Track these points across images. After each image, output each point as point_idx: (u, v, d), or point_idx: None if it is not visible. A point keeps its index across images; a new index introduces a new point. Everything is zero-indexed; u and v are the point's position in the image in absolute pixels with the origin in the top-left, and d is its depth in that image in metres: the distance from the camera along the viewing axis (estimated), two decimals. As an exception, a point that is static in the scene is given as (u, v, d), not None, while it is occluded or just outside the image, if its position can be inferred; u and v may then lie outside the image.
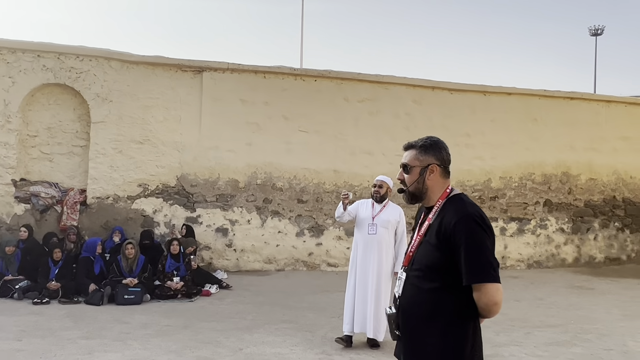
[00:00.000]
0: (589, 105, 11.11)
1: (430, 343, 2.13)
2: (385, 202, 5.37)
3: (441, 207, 2.23)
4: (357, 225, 5.41)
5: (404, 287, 2.25)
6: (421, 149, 2.31)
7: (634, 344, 5.58)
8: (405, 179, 2.32)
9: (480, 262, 2.05)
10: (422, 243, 2.23)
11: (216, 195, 9.32)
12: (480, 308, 2.09)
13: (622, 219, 11.27)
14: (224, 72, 9.31)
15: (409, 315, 2.21)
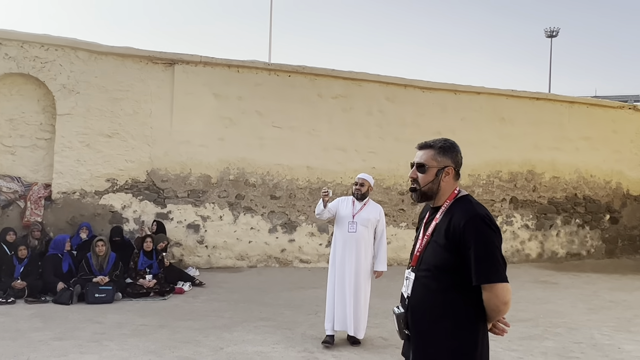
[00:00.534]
0: (553, 106, 11.47)
1: (442, 343, 2.15)
2: (366, 200, 5.37)
3: (448, 208, 2.26)
4: (337, 223, 5.38)
5: (413, 287, 2.26)
6: (440, 151, 2.30)
7: (601, 336, 5.82)
8: (418, 178, 2.31)
9: (490, 262, 2.08)
10: (430, 243, 2.25)
11: (187, 190, 9.15)
12: (489, 308, 2.12)
13: (583, 215, 11.72)
14: (196, 65, 9.13)
15: (419, 315, 2.23)
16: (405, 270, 2.39)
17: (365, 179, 5.41)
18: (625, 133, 12.02)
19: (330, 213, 5.31)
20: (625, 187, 12.06)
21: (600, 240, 11.84)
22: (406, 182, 10.34)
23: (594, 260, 11.64)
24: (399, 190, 10.32)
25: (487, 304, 2.11)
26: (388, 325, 6.00)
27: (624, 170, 12.03)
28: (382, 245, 5.37)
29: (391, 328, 5.86)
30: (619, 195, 12.01)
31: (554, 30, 44.39)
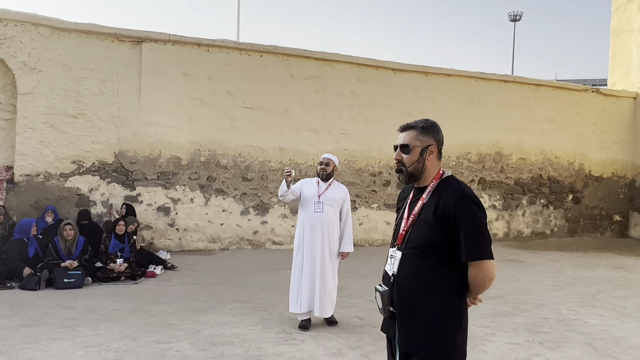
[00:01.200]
0: (520, 88, 11.68)
1: (430, 318, 2.22)
2: (331, 180, 5.31)
3: (435, 188, 2.31)
4: (302, 204, 5.27)
5: (399, 265, 2.31)
6: (422, 130, 2.37)
7: (567, 312, 6.03)
8: (403, 159, 2.37)
9: (478, 240, 2.16)
10: (417, 222, 2.30)
11: (157, 173, 8.96)
12: (475, 284, 2.21)
13: (547, 196, 12.06)
14: (164, 43, 8.87)
15: (407, 292, 2.28)
16: (390, 249, 2.43)
17: (330, 158, 5.33)
18: (588, 115, 12.36)
19: (294, 194, 5.19)
20: (588, 168, 12.46)
21: (563, 220, 12.23)
22: (378, 163, 10.41)
23: (557, 239, 12.03)
24: (371, 172, 10.37)
25: (473, 279, 2.20)
26: (363, 305, 6.07)
27: (587, 151, 12.41)
28: (348, 226, 5.32)
29: (366, 307, 5.94)
30: (582, 176, 12.40)
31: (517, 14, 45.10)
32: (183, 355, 4.32)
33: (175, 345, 4.53)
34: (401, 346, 2.30)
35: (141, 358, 4.21)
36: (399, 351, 2.32)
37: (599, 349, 4.79)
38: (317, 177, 5.33)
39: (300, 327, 5.10)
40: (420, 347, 2.23)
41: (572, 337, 5.09)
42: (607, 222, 12.73)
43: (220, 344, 4.59)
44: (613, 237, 12.69)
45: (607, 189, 12.68)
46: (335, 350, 4.55)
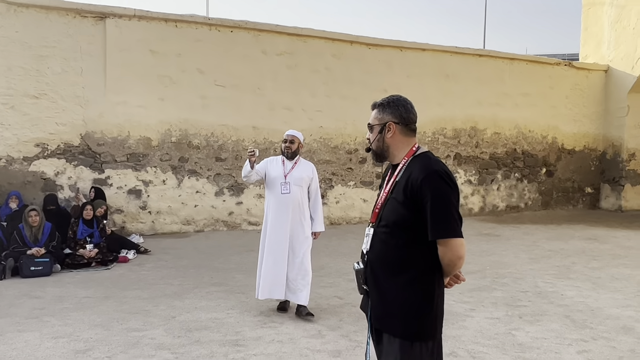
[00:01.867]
0: (494, 63, 11.64)
1: (399, 296, 2.19)
2: (297, 158, 4.98)
3: (407, 165, 2.25)
4: (268, 185, 4.97)
5: (372, 242, 2.29)
6: (380, 108, 2.33)
7: (544, 284, 6.08)
8: (370, 138, 2.36)
9: (445, 218, 2.09)
10: (389, 200, 2.25)
11: (127, 154, 8.65)
12: (444, 263, 2.16)
13: (521, 169, 12.15)
14: (130, 19, 8.48)
15: (377, 270, 2.25)
16: (366, 227, 2.39)
17: (294, 135, 4.99)
18: (561, 89, 12.43)
19: (258, 175, 4.89)
20: (560, 141, 12.57)
21: (537, 193, 12.37)
22: (353, 140, 10.29)
23: (531, 212, 12.18)
24: (347, 150, 10.24)
25: (442, 258, 2.15)
26: (342, 284, 6.00)
27: (559, 125, 12.50)
28: (318, 205, 5.08)
29: (345, 287, 5.87)
30: (555, 149, 12.52)
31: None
32: (157, 342, 4.17)
33: (149, 333, 4.37)
34: (373, 323, 2.29)
35: (113, 347, 4.05)
36: (371, 328, 2.32)
37: (577, 320, 4.82)
38: (282, 156, 5.00)
39: (279, 309, 4.95)
40: (390, 325, 2.21)
41: (551, 310, 5.12)
42: (579, 195, 12.94)
43: (197, 330, 4.46)
44: (585, 209, 12.92)
45: (579, 162, 12.85)
46: (315, 331, 4.46)
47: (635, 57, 12.20)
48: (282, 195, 4.85)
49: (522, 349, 4.11)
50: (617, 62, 12.66)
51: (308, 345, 4.15)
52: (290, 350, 4.04)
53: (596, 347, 4.17)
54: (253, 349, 4.06)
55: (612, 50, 12.78)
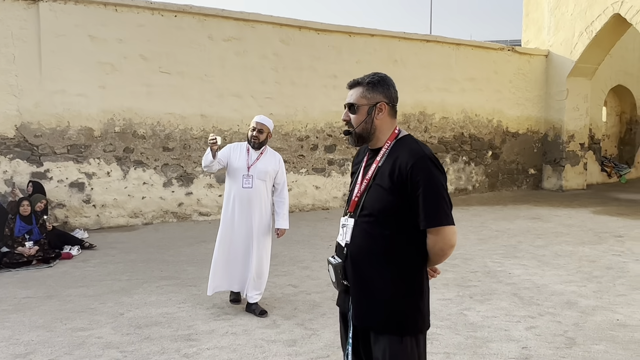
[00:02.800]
0: (441, 48, 11.80)
1: (388, 289, 2.03)
2: (263, 148, 4.61)
3: (390, 149, 2.10)
4: (230, 175, 4.62)
5: (352, 234, 2.10)
6: (369, 86, 2.12)
7: (493, 264, 6.25)
8: (351, 119, 2.14)
9: (438, 205, 1.97)
10: (372, 187, 2.08)
11: (67, 146, 8.24)
12: (434, 252, 2.03)
13: (469, 153, 12.45)
14: (65, 2, 8.02)
15: (361, 263, 2.08)
16: (341, 217, 2.21)
17: (264, 124, 4.56)
18: (504, 74, 12.77)
19: (220, 164, 4.52)
20: (505, 125, 12.95)
21: (484, 175, 12.72)
22: (304, 127, 10.21)
23: (478, 194, 12.52)
24: (298, 136, 10.15)
25: (432, 247, 2.02)
26: (296, 272, 5.96)
27: (504, 109, 12.86)
28: (284, 199, 4.70)
29: (299, 275, 5.83)
30: (500, 132, 12.89)
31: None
32: (105, 341, 3.99)
33: (95, 332, 4.18)
34: (355, 321, 2.11)
35: (56, 350, 3.85)
36: (352, 327, 2.13)
37: (525, 298, 4.98)
38: (247, 143, 4.62)
39: (232, 301, 4.78)
40: (377, 321, 2.05)
41: (499, 289, 5.26)
42: (523, 176, 13.40)
43: (146, 326, 4.30)
44: (529, 190, 13.41)
45: (523, 144, 13.29)
46: (269, 321, 4.40)
47: (573, 42, 12.67)
48: (243, 189, 4.49)
49: (473, 328, 4.21)
50: (557, 47, 13.12)
51: (263, 336, 4.09)
52: (245, 342, 3.97)
53: (543, 323, 4.32)
54: (206, 343, 3.96)
55: (552, 35, 13.23)
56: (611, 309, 4.66)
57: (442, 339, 3.99)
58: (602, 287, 5.33)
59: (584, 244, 7.28)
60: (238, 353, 3.77)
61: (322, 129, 10.37)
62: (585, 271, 5.91)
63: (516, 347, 3.85)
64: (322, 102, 10.27)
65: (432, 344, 3.88)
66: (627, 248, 7.05)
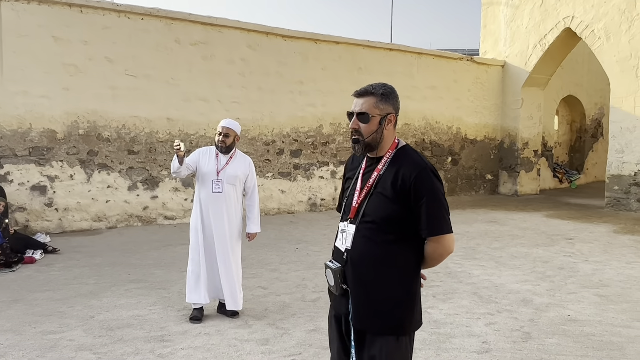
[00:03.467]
0: (404, 57, 12.16)
1: (387, 292, 2.13)
2: (232, 152, 4.63)
3: (392, 158, 2.18)
4: (199, 180, 4.60)
5: (354, 239, 2.18)
6: (382, 98, 2.18)
7: (454, 265, 6.53)
8: (361, 128, 2.17)
9: (440, 214, 2.08)
10: (373, 194, 2.16)
11: (28, 148, 8.08)
12: (432, 257, 2.15)
13: (429, 158, 12.82)
14: (28, 2, 7.89)
15: (363, 267, 2.16)
16: (340, 223, 2.29)
17: (230, 127, 4.56)
18: (463, 83, 13.25)
19: (189, 169, 4.50)
20: (464, 131, 13.42)
21: (443, 180, 13.11)
22: (271, 132, 10.32)
23: (439, 199, 12.90)
24: (264, 141, 10.26)
25: (432, 253, 2.14)
26: (265, 274, 6.07)
27: (463, 116, 13.34)
28: (254, 203, 4.73)
29: (268, 277, 5.94)
30: (459, 139, 13.35)
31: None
32: (77, 343, 4.00)
33: (66, 334, 4.18)
34: (355, 324, 2.18)
35: (28, 352, 3.84)
36: (353, 329, 2.20)
37: (484, 296, 5.25)
38: (216, 148, 4.63)
39: (192, 319, 4.48)
40: (375, 323, 2.14)
41: (460, 288, 5.53)
42: (481, 181, 13.92)
43: (118, 328, 4.33)
44: (486, 194, 13.93)
45: (481, 151, 13.81)
46: (241, 322, 4.50)
47: (527, 53, 13.29)
48: (213, 194, 4.49)
49: (437, 325, 4.43)
50: (513, 58, 13.72)
51: (236, 336, 4.18)
52: (218, 342, 4.06)
53: (501, 319, 4.59)
54: (180, 343, 4.03)
55: (508, 47, 13.82)
56: (563, 305, 4.99)
57: (408, 336, 4.19)
58: (555, 285, 5.67)
59: (538, 246, 7.69)
60: (212, 352, 3.86)
61: (288, 133, 10.51)
62: (539, 271, 6.27)
63: (477, 341, 4.10)
64: (288, 107, 10.41)
65: (399, 340, 4.08)
66: (577, 249, 7.48)
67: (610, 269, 6.39)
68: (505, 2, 13.82)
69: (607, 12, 11.30)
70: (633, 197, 10.99)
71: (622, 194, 11.18)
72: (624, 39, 11.03)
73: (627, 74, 11.03)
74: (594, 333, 4.29)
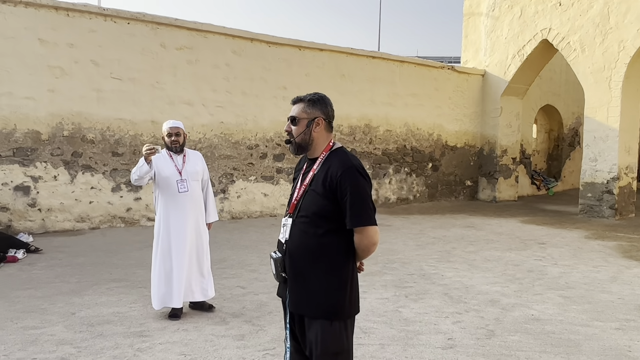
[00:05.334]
0: (386, 65, 12.42)
1: (319, 281, 2.37)
2: (184, 151, 4.78)
3: (325, 159, 2.44)
4: (160, 185, 4.63)
5: (291, 232, 2.44)
6: (309, 103, 2.46)
7: (428, 267, 6.76)
8: (292, 130, 2.47)
9: (362, 208, 2.32)
10: (308, 192, 2.42)
11: (12, 149, 8.16)
12: (360, 249, 2.39)
13: (410, 164, 13.10)
14: (15, 5, 7.99)
15: (298, 258, 2.41)
16: (283, 218, 2.55)
17: (178, 126, 4.69)
18: (444, 91, 13.56)
19: (149, 176, 4.56)
20: (444, 138, 13.72)
21: (424, 186, 13.41)
22: (254, 136, 10.50)
23: (419, 204, 13.19)
24: (248, 145, 10.43)
25: (358, 245, 2.37)
26: (244, 274, 6.24)
27: (443, 123, 13.64)
28: (210, 195, 4.97)
29: (248, 277, 6.12)
30: (439, 145, 13.64)
31: (383, -8, 47.11)
32: (58, 338, 4.14)
33: (47, 330, 4.31)
34: (291, 308, 2.43)
35: (9, 346, 3.96)
36: (289, 313, 2.45)
37: (454, 297, 5.48)
38: (166, 150, 4.71)
39: (171, 317, 4.63)
40: (309, 307, 2.38)
41: (432, 289, 5.75)
42: (461, 187, 14.22)
43: (99, 324, 4.47)
44: (465, 200, 14.23)
45: (461, 157, 14.12)
46: (219, 319, 4.67)
47: (506, 64, 13.65)
48: (181, 194, 4.60)
49: (406, 323, 4.64)
50: (492, 68, 14.07)
51: (213, 332, 4.35)
52: (196, 337, 4.22)
53: (468, 318, 4.82)
54: (159, 338, 4.18)
55: (488, 56, 14.18)
56: (528, 305, 5.23)
57: (377, 332, 4.39)
58: (523, 287, 5.92)
59: (511, 250, 7.95)
60: (190, 347, 4.02)
61: (272, 138, 10.69)
62: (509, 274, 6.52)
63: (443, 338, 4.31)
64: (271, 112, 10.60)
65: (369, 336, 4.28)
66: (548, 253, 7.76)
67: (577, 272, 6.67)
68: (485, 13, 14.18)
69: (582, 25, 11.69)
70: (605, 204, 11.36)
71: (595, 201, 11.53)
72: (598, 52, 11.42)
73: (601, 85, 11.41)
74: (554, 331, 4.53)
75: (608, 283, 6.16)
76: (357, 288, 2.48)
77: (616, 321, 4.81)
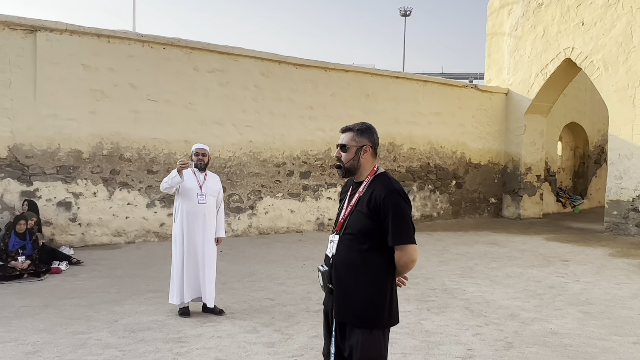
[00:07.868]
0: (410, 84, 12.73)
1: (361, 292, 2.61)
2: (206, 171, 5.49)
3: (370, 183, 2.68)
4: (183, 195, 5.34)
5: (337, 248, 2.69)
6: (358, 132, 2.71)
7: (450, 282, 6.95)
8: (342, 156, 2.72)
9: (403, 228, 2.56)
10: (354, 212, 2.67)
11: (56, 167, 8.70)
12: (400, 265, 2.62)
13: (434, 182, 13.30)
14: (61, 33, 8.59)
15: (342, 271, 2.65)
16: (330, 234, 2.83)
17: (205, 149, 5.50)
18: (468, 109, 13.76)
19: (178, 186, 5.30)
20: (468, 156, 13.89)
21: (448, 203, 13.57)
22: (281, 154, 10.88)
23: (443, 221, 13.34)
24: (275, 163, 10.81)
25: (398, 261, 2.58)
26: (273, 287, 6.53)
27: (467, 141, 13.82)
28: (222, 214, 5.67)
29: (276, 290, 6.41)
30: (463, 163, 13.81)
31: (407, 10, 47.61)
32: (104, 342, 4.49)
33: (94, 335, 4.68)
34: (336, 317, 2.66)
35: (62, 349, 4.33)
36: (335, 322, 2.67)
37: (475, 311, 5.67)
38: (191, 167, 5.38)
39: (182, 314, 5.28)
40: (352, 316, 2.60)
41: (454, 303, 5.95)
42: (485, 204, 14.31)
43: (140, 331, 4.81)
44: (489, 217, 14.31)
45: (484, 175, 14.24)
46: (250, 328, 4.97)
47: (530, 82, 13.80)
48: (199, 205, 5.30)
49: (428, 335, 4.86)
50: (516, 86, 14.23)
51: (245, 339, 4.65)
52: (229, 344, 4.53)
53: (487, 331, 5.01)
54: (195, 344, 4.50)
55: (512, 75, 14.35)
56: (547, 320, 5.39)
57: (400, 343, 4.63)
58: (543, 302, 6.07)
59: (533, 267, 8.07)
60: (224, 352, 4.33)
61: (298, 156, 11.06)
62: (530, 289, 6.66)
63: (462, 349, 4.52)
64: (298, 132, 10.98)
65: (392, 346, 4.51)
66: (571, 270, 7.86)
67: (599, 289, 6.76)
68: (508, 33, 14.39)
69: (606, 44, 11.81)
70: (631, 222, 11.33)
71: (620, 218, 11.52)
72: (622, 70, 11.51)
73: (625, 103, 11.47)
74: (571, 344, 4.69)
75: (629, 299, 6.26)
76: (396, 301, 2.73)
77: (634, 336, 4.93)
